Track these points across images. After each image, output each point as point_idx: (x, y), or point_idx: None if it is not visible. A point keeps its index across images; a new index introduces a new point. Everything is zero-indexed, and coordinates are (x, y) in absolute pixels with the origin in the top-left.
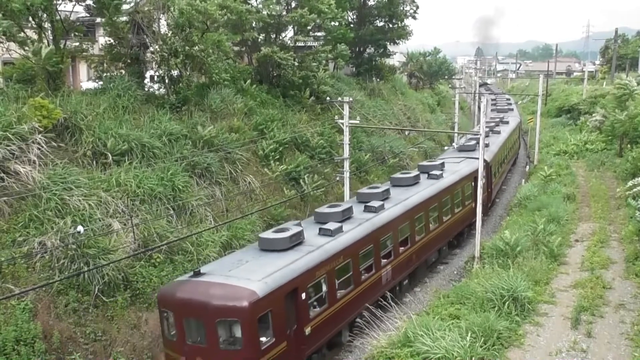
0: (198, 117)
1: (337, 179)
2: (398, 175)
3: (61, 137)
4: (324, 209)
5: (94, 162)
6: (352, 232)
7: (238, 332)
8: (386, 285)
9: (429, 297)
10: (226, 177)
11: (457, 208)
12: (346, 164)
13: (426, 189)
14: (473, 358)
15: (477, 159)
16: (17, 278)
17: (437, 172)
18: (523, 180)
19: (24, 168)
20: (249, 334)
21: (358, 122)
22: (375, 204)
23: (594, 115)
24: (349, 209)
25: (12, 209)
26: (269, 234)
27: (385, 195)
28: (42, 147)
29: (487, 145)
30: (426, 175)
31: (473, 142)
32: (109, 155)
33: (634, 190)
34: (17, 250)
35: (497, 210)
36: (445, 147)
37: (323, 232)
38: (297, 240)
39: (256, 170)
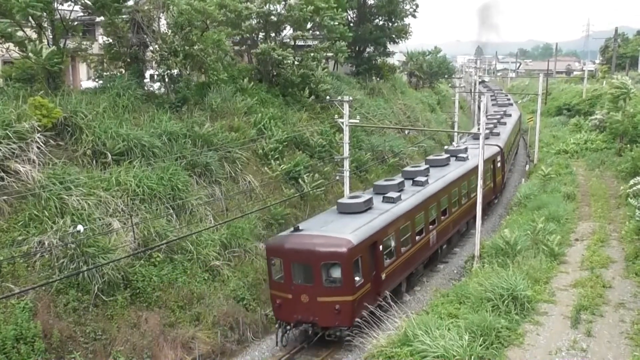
0: (198, 116)
1: (337, 178)
2: (432, 157)
3: (61, 136)
4: (382, 182)
5: (94, 162)
6: (408, 201)
7: (338, 273)
8: (432, 247)
9: (428, 296)
10: (226, 177)
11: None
12: (346, 163)
13: (457, 169)
14: (472, 357)
15: (493, 145)
16: (17, 277)
17: (464, 155)
18: (523, 179)
19: (24, 167)
20: (347, 274)
21: (358, 121)
22: (421, 179)
23: (595, 114)
24: (402, 183)
25: (12, 208)
26: (346, 200)
27: (426, 173)
28: (42, 146)
29: (498, 135)
30: (454, 157)
31: (487, 130)
32: (109, 154)
33: (634, 188)
34: (16, 250)
35: (497, 209)
36: (446, 147)
37: (386, 200)
38: (369, 205)
39: (256, 169)
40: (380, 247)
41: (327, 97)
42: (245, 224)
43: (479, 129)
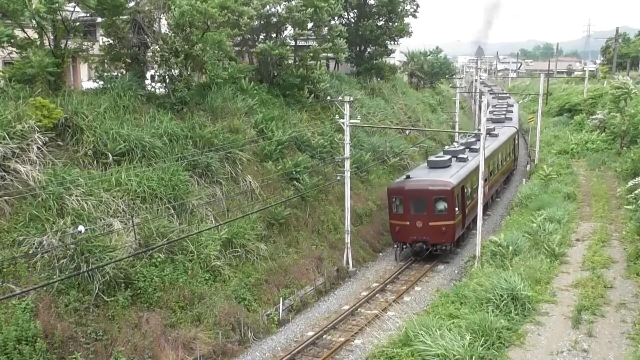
0: (198, 117)
1: (338, 178)
2: (475, 132)
3: (62, 137)
4: (451, 148)
5: (95, 162)
6: (473, 161)
7: (444, 205)
8: (487, 196)
9: (429, 296)
10: (227, 177)
11: (508, 157)
12: (347, 164)
13: (493, 142)
14: (473, 357)
15: (511, 127)
16: (18, 278)
17: (495, 133)
18: (524, 179)
19: (24, 167)
20: (451, 205)
21: (359, 121)
22: (475, 147)
23: (597, 114)
24: (464, 149)
25: (13, 208)
26: (434, 158)
27: (477, 144)
28: (42, 146)
29: (511, 119)
30: (488, 135)
31: (502, 116)
32: (110, 155)
33: (635, 192)
34: (17, 250)
35: (497, 209)
36: (446, 147)
37: (459, 159)
38: (449, 163)
39: (256, 170)
40: (465, 190)
41: (328, 97)
42: (247, 224)
43: (492, 114)
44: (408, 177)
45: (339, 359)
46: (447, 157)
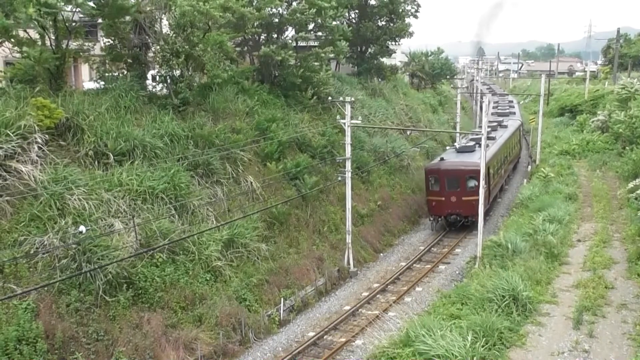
0: (200, 118)
1: (339, 178)
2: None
3: (63, 137)
4: (474, 136)
5: (96, 162)
6: (493, 147)
7: (474, 183)
8: (503, 177)
9: (430, 297)
10: (228, 177)
11: (517, 145)
12: (348, 164)
13: (505, 132)
14: (474, 358)
15: (516, 120)
16: (19, 278)
17: (505, 124)
18: (525, 180)
19: (26, 167)
20: (480, 183)
21: (360, 122)
22: (493, 135)
23: (598, 115)
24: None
25: (14, 208)
26: (462, 144)
27: (494, 134)
28: (43, 146)
29: (515, 113)
30: (499, 125)
31: (507, 110)
32: (111, 155)
33: (636, 192)
34: (18, 250)
35: (498, 210)
36: (447, 147)
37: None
38: (474, 148)
39: (258, 170)
40: (489, 170)
41: (329, 98)
42: (248, 224)
43: (498, 109)
44: (442, 159)
45: (340, 359)
46: (472, 143)
